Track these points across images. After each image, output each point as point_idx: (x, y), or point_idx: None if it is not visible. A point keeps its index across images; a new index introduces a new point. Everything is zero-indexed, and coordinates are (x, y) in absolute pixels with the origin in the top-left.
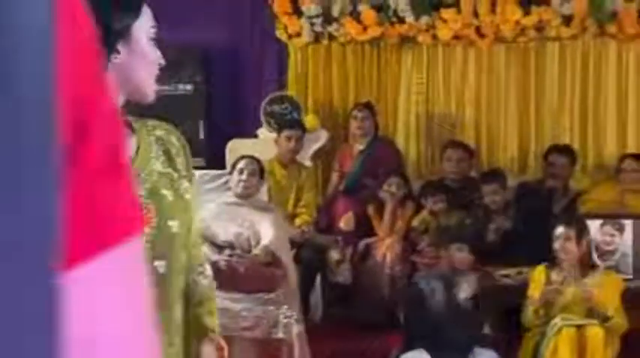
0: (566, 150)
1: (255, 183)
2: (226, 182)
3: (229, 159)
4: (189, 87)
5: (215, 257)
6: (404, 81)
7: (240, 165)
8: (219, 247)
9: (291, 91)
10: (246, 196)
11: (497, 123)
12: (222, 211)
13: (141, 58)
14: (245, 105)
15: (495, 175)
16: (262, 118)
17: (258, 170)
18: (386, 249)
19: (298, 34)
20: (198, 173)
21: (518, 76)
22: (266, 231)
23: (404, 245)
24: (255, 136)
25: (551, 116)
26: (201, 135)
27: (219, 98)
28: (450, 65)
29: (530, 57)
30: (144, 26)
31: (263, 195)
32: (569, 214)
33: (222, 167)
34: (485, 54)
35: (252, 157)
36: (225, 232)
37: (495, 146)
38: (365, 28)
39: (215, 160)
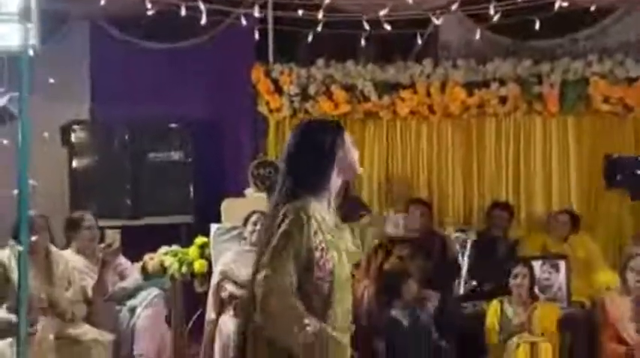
0: (506, 206)
1: None
2: (240, 233)
3: (224, 214)
4: (180, 154)
5: (239, 292)
6: (368, 150)
7: (253, 218)
8: (240, 285)
9: (270, 157)
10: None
11: (446, 184)
12: (241, 256)
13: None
14: (228, 169)
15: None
16: (250, 180)
17: None
18: (363, 288)
19: (278, 109)
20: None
21: (462, 144)
22: None
23: (378, 285)
24: (243, 195)
25: (491, 178)
26: (191, 196)
27: (206, 163)
28: (406, 136)
29: (472, 129)
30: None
31: None
32: (516, 257)
33: (209, 222)
34: (436, 127)
35: (262, 212)
36: (244, 274)
37: (445, 203)
38: (336, 105)
39: (202, 216)
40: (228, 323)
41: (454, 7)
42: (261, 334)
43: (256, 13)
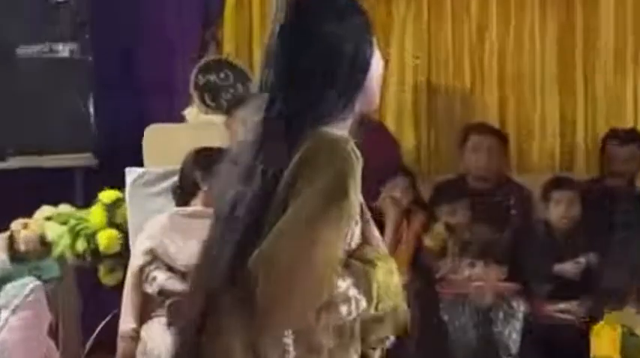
0: (631, 136)
1: None
2: (180, 185)
3: (149, 152)
4: (71, 47)
5: (178, 286)
6: (396, 35)
7: (202, 158)
8: (180, 274)
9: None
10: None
11: (529, 97)
12: (181, 224)
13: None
14: (154, 74)
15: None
16: (193, 92)
17: None
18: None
19: None
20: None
21: (558, 24)
22: None
23: (415, 272)
24: (181, 119)
25: (608, 85)
26: (91, 119)
27: (117, 63)
28: (460, 12)
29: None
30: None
31: None
32: None
33: (123, 165)
34: None
35: (218, 149)
36: (186, 253)
37: (528, 133)
38: None
39: (111, 155)
40: (157, 338)
41: None
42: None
43: None
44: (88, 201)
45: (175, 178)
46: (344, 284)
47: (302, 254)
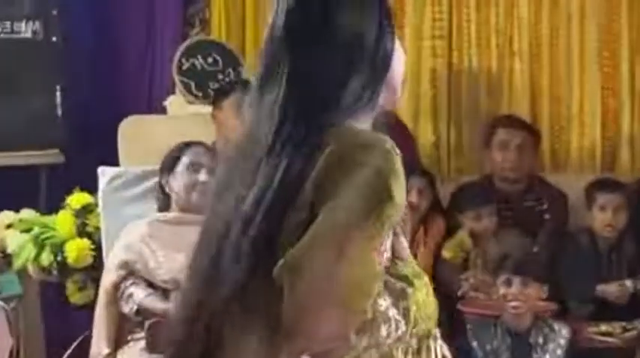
0: None
1: None
2: (161, 187)
3: (125, 149)
4: (36, 27)
5: (158, 305)
6: (411, 15)
7: (190, 157)
8: (162, 290)
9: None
10: (201, 209)
11: (565, 86)
12: (161, 234)
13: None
14: (131, 58)
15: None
16: (176, 78)
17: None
18: None
19: None
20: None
21: (600, 3)
22: None
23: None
24: (162, 110)
25: None
26: (58, 111)
27: (88, 45)
28: None
29: None
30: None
31: None
32: None
33: (94, 163)
34: None
35: (202, 145)
36: (168, 267)
37: (561, 125)
38: None
39: (81, 151)
40: None
41: None
42: None
43: None
44: (54, 206)
45: (156, 179)
46: (384, 303)
47: (336, 265)
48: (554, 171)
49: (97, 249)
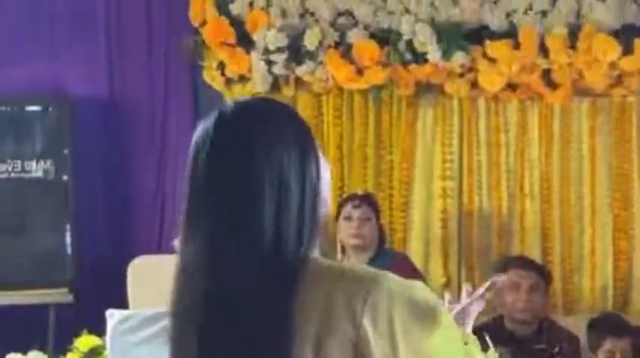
0: None
1: None
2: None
3: (134, 289)
4: (46, 166)
5: None
6: (421, 157)
7: None
8: None
9: None
10: None
11: (577, 227)
12: None
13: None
14: (141, 196)
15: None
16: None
17: None
18: None
19: (243, 79)
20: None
21: (611, 146)
22: None
23: None
24: (172, 250)
25: None
26: (68, 250)
27: (98, 185)
28: (498, 130)
29: (631, 118)
30: None
31: None
32: None
33: (104, 304)
34: (559, 113)
35: None
36: None
37: (572, 263)
38: (359, 71)
39: (90, 292)
40: None
41: None
42: None
43: None
44: (63, 346)
45: (166, 321)
46: None
47: None
48: (566, 312)
49: None
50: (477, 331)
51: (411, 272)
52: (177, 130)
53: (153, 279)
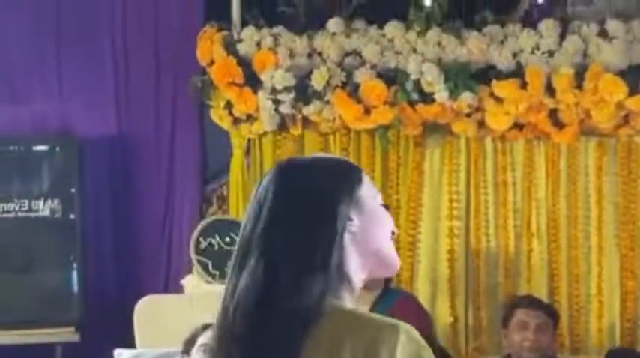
0: None
1: None
2: None
3: (141, 329)
4: (54, 206)
5: None
6: (428, 196)
7: (204, 339)
8: None
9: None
10: None
11: (584, 266)
12: None
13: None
14: (149, 237)
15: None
16: (193, 258)
17: None
18: None
19: (250, 118)
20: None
21: (618, 185)
22: None
23: None
24: (179, 290)
25: None
26: (75, 288)
27: (106, 224)
28: (505, 169)
29: (638, 158)
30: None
31: None
32: None
33: (111, 344)
34: (566, 152)
35: None
36: None
37: (580, 303)
38: (367, 111)
39: (97, 331)
40: None
41: None
42: None
43: None
44: None
45: None
46: None
47: None
48: (573, 352)
49: None
50: None
51: (417, 312)
52: (184, 170)
53: (160, 319)
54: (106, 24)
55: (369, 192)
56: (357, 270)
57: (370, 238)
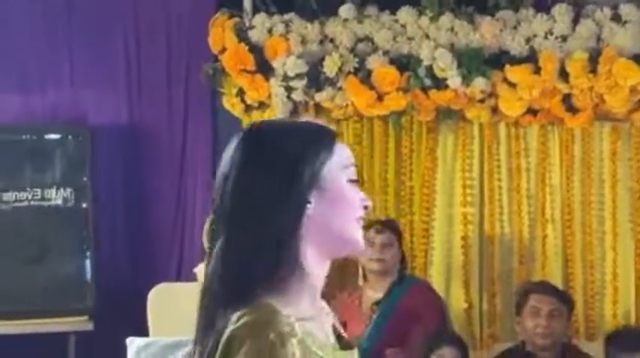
0: None
1: None
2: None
3: (155, 317)
4: (66, 194)
5: None
6: (442, 182)
7: None
8: None
9: None
10: None
11: (599, 251)
12: None
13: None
14: (161, 225)
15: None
16: (206, 245)
17: None
18: None
19: (262, 105)
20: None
21: (632, 170)
22: None
23: None
24: (192, 278)
25: None
26: (88, 277)
27: (118, 213)
28: (518, 155)
29: None
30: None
31: None
32: None
33: (124, 333)
34: (580, 137)
35: None
36: None
37: (594, 289)
38: (379, 97)
39: (110, 320)
40: None
41: None
42: None
43: None
44: None
45: (185, 349)
46: None
47: None
48: (588, 338)
49: None
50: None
51: (431, 298)
52: (196, 157)
53: (173, 307)
54: (118, 13)
55: (338, 164)
56: (315, 257)
57: (330, 223)
